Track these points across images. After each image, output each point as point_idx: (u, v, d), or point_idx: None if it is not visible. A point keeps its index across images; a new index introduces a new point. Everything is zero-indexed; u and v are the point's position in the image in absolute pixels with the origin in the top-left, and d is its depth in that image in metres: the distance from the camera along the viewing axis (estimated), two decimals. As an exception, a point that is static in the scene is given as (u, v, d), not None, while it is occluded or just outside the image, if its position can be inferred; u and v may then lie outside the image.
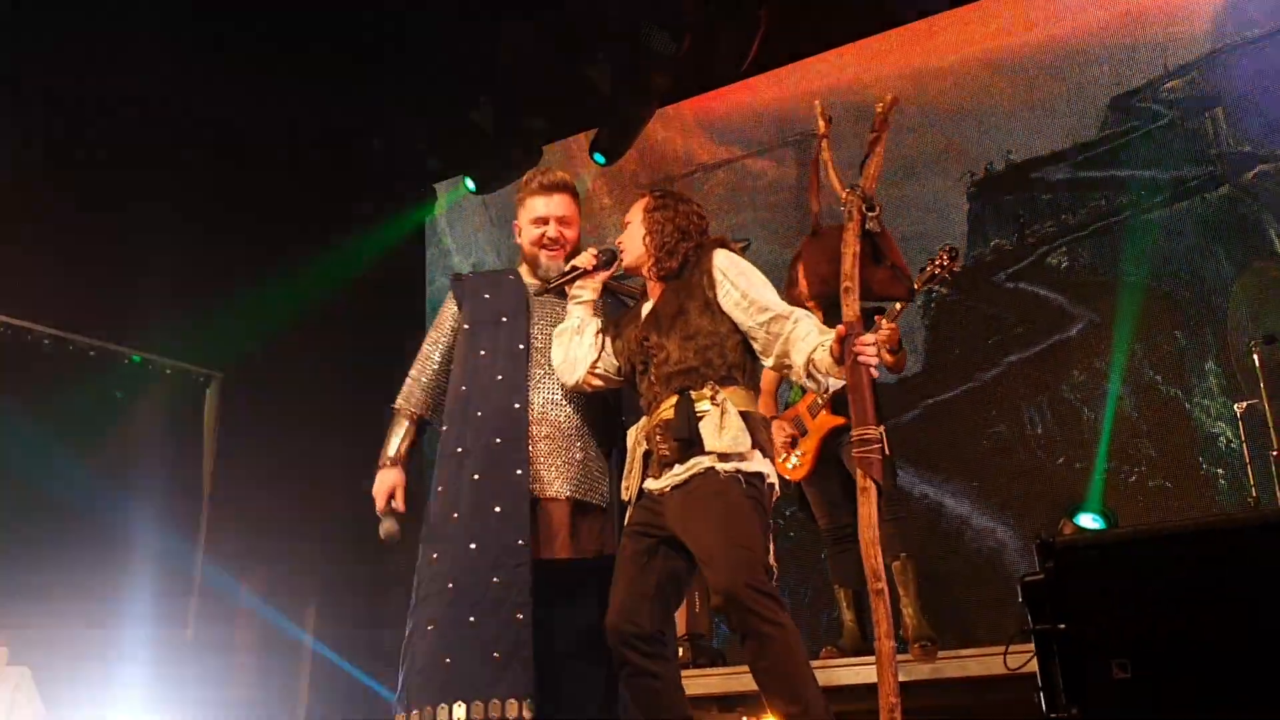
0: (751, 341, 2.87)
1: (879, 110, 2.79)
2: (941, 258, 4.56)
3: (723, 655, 5.32)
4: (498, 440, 3.11)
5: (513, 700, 2.87)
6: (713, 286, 2.87)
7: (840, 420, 4.39)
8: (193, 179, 6.52)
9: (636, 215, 3.12)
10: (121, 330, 6.62)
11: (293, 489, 6.92)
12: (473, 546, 3.01)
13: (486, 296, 3.36)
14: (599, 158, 6.91)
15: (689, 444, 2.79)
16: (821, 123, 2.90)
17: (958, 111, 6.38)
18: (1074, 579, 2.62)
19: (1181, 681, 2.45)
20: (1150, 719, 2.44)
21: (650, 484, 2.88)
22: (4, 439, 6.03)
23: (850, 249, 2.66)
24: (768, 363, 2.85)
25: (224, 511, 6.78)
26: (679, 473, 2.81)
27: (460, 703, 2.87)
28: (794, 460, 4.65)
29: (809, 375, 2.73)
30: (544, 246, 3.34)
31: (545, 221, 3.34)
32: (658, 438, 2.85)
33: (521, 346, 3.25)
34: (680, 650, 4.67)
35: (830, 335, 2.68)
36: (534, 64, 6.68)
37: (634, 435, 2.97)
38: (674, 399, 2.84)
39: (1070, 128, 6.07)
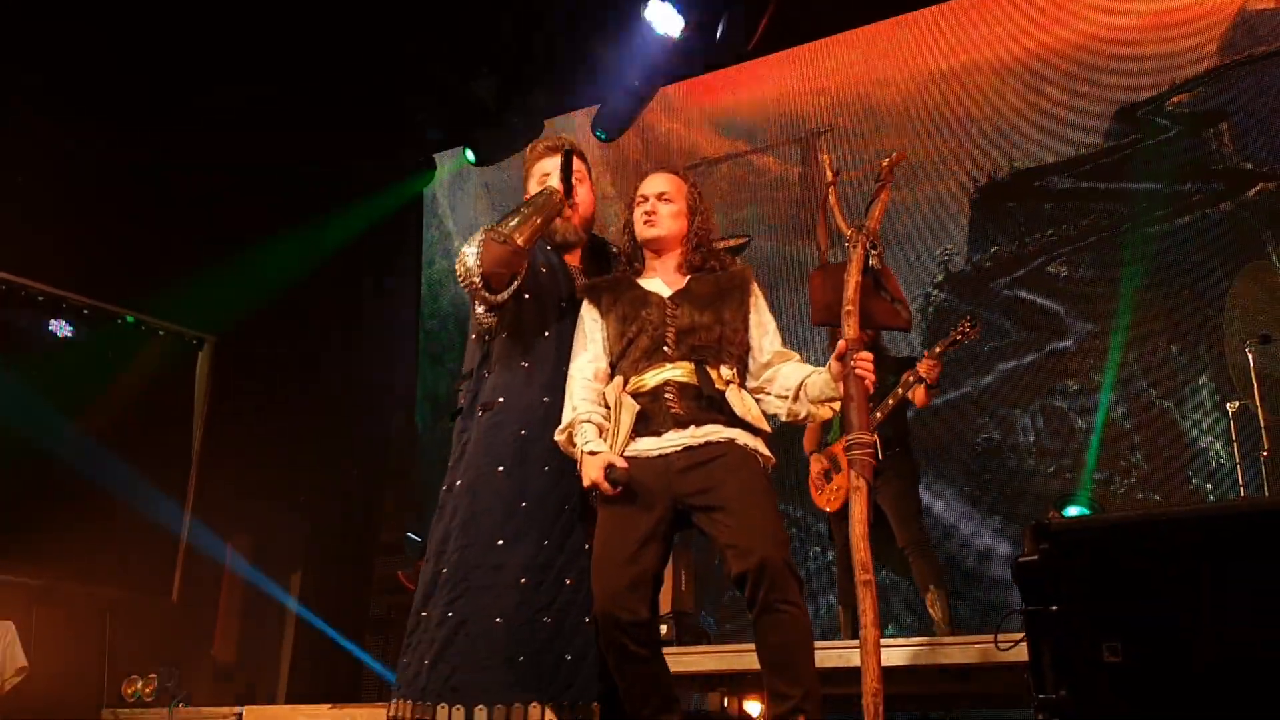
0: (751, 360, 2.98)
1: (885, 164, 3.00)
2: (964, 326, 4.83)
3: (707, 634, 5.35)
4: None
5: (582, 703, 2.83)
6: (747, 298, 3.01)
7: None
8: (191, 142, 6.50)
9: (681, 196, 3.08)
10: (116, 290, 6.61)
11: (281, 455, 6.91)
12: (546, 543, 2.93)
13: (544, 270, 3.11)
14: (600, 134, 6.93)
15: (709, 405, 2.83)
16: (829, 173, 3.06)
17: (964, 116, 6.40)
18: (1068, 561, 2.62)
19: (1172, 666, 2.45)
20: (1139, 702, 2.44)
21: (646, 443, 2.84)
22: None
23: (853, 278, 2.85)
24: (749, 381, 2.98)
25: (212, 475, 6.75)
26: (695, 434, 2.82)
27: (536, 703, 2.80)
28: (829, 494, 4.98)
29: (795, 398, 2.89)
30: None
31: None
32: (668, 396, 2.84)
33: None
34: (664, 627, 4.70)
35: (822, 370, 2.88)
36: (538, 37, 6.67)
37: (615, 394, 2.90)
38: (689, 365, 2.87)
39: (1075, 137, 6.09)
